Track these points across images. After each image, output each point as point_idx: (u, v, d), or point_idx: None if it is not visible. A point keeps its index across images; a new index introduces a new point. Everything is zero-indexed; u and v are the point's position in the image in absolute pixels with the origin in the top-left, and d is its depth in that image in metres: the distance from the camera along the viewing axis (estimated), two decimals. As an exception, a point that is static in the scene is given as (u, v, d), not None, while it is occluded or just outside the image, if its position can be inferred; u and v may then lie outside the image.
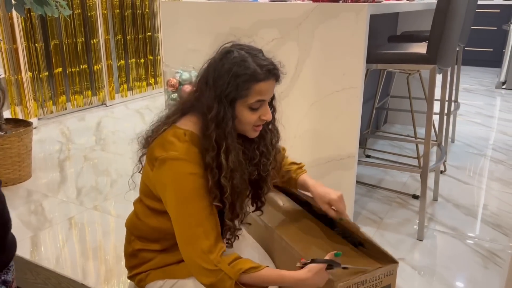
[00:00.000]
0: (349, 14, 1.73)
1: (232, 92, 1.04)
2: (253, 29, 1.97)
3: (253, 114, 1.07)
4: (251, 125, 1.08)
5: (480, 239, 1.95)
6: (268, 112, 1.08)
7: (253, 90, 1.04)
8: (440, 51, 1.74)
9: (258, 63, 1.04)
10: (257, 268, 1.04)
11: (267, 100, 1.09)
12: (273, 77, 1.06)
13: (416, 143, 2.43)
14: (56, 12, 2.33)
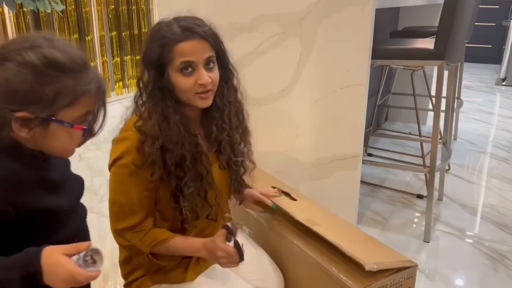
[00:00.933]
0: (354, 8, 1.66)
1: (158, 58, 1.01)
2: (253, 24, 1.90)
3: (188, 79, 1.01)
4: (191, 92, 1.03)
5: (488, 240, 1.89)
6: (203, 75, 1.01)
7: (175, 52, 1.00)
8: (448, 47, 1.68)
9: (179, 25, 1.01)
10: (167, 239, 1.07)
11: (198, 62, 1.01)
12: (196, 36, 1.00)
13: (421, 142, 2.37)
14: (48, 7, 2.25)
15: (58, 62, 0.75)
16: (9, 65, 0.72)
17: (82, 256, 0.74)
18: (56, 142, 0.79)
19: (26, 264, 0.70)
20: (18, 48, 0.74)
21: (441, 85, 1.77)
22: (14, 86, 0.72)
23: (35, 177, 0.79)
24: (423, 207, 2.17)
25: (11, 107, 0.73)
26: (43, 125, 0.76)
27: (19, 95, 0.73)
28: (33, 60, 0.73)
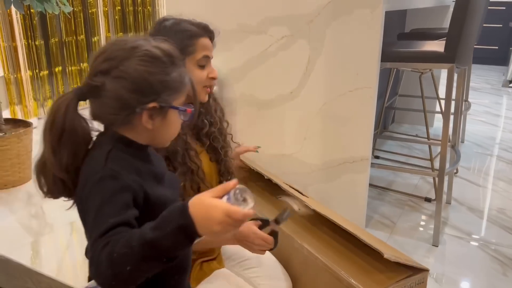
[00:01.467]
0: (364, 10, 1.65)
1: (182, 47, 1.05)
2: (262, 26, 1.89)
3: (202, 71, 1.09)
4: (202, 84, 1.10)
5: (496, 244, 1.88)
6: (214, 70, 1.11)
7: (199, 46, 1.07)
8: (459, 50, 1.66)
9: (192, 23, 1.10)
10: None
11: (211, 58, 1.11)
12: (211, 36, 1.11)
13: (429, 145, 2.36)
14: (56, 9, 2.25)
15: (171, 53, 0.79)
16: (133, 61, 0.75)
17: (232, 195, 0.69)
18: (170, 130, 0.82)
19: (177, 217, 0.66)
20: (129, 46, 0.76)
21: (451, 88, 1.76)
22: (143, 79, 0.75)
23: (145, 168, 0.80)
24: (431, 210, 2.16)
25: (143, 99, 0.76)
26: (163, 113, 0.79)
27: (149, 87, 0.76)
28: (155, 52, 0.77)
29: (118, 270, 0.64)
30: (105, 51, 0.77)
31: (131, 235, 0.66)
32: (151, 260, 0.65)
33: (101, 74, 0.75)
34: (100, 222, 0.68)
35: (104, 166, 0.73)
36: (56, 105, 0.75)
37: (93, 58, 0.78)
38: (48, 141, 0.75)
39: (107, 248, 0.65)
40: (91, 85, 0.76)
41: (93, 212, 0.70)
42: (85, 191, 0.73)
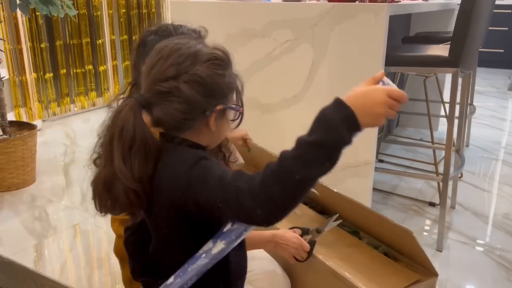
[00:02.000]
0: (367, 15, 1.65)
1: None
2: (266, 30, 1.89)
3: None
4: None
5: (503, 250, 1.86)
6: None
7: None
8: (463, 54, 1.66)
9: (161, 35, 1.06)
10: None
11: None
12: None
13: (433, 149, 2.35)
14: (61, 12, 2.26)
15: (228, 53, 0.79)
16: (201, 65, 0.75)
17: (384, 83, 0.73)
18: (225, 131, 0.83)
19: (335, 112, 0.65)
20: (192, 50, 0.76)
21: (455, 92, 1.75)
22: (214, 82, 0.76)
23: None
24: (435, 215, 2.15)
25: (214, 102, 0.76)
26: (224, 115, 0.80)
27: (219, 89, 0.77)
28: (218, 54, 0.77)
29: (287, 182, 0.64)
30: (165, 56, 0.75)
31: (283, 153, 0.66)
32: (316, 165, 0.64)
33: (171, 80, 0.74)
34: (228, 180, 0.68)
35: (191, 155, 0.74)
36: (122, 115, 0.73)
37: (151, 65, 0.76)
38: (118, 151, 0.73)
39: (258, 176, 0.66)
40: (160, 91, 0.74)
41: (214, 183, 0.69)
42: (183, 186, 0.71)
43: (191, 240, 0.78)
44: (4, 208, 2.13)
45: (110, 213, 0.79)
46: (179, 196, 0.72)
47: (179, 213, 0.75)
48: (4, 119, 2.26)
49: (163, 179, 0.75)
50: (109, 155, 0.74)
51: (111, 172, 0.73)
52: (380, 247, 1.20)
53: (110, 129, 0.74)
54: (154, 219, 0.81)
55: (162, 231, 0.80)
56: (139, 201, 0.75)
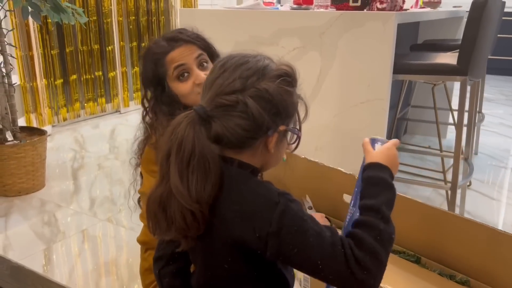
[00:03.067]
0: (375, 23, 1.66)
1: (154, 75, 1.08)
2: (274, 38, 1.90)
3: (185, 83, 1.07)
4: (192, 93, 1.08)
5: (511, 259, 1.84)
6: (198, 75, 1.07)
7: (166, 63, 1.07)
8: (472, 62, 1.65)
9: (164, 38, 1.09)
10: None
11: (190, 63, 1.07)
12: (181, 42, 1.07)
13: (442, 157, 2.34)
14: (72, 20, 2.29)
15: (296, 71, 0.77)
16: (269, 81, 0.71)
17: (375, 140, 0.85)
18: (281, 154, 0.79)
19: (382, 174, 0.76)
20: (260, 65, 0.72)
21: (464, 101, 1.75)
22: (282, 100, 0.72)
23: None
24: (443, 223, 2.13)
25: (278, 121, 0.73)
26: (283, 137, 0.76)
27: (285, 109, 0.73)
28: (286, 70, 0.73)
29: (388, 244, 0.69)
30: (231, 69, 0.71)
31: (358, 220, 0.71)
32: (390, 217, 0.72)
33: (237, 93, 0.69)
34: (329, 240, 0.67)
35: (277, 196, 0.68)
36: (180, 128, 0.69)
37: (214, 77, 0.72)
38: (175, 167, 0.68)
39: (361, 241, 0.67)
40: (223, 104, 0.69)
41: (314, 241, 0.66)
42: (268, 230, 0.66)
43: (259, 284, 0.74)
44: (13, 213, 2.15)
45: (165, 237, 0.73)
46: (256, 238, 0.66)
47: (250, 255, 0.69)
48: (15, 125, 2.29)
49: (233, 211, 0.68)
50: (165, 171, 0.69)
51: (167, 190, 0.68)
52: (458, 277, 1.08)
53: (168, 143, 0.69)
54: (211, 252, 0.73)
55: (220, 267, 0.73)
56: (196, 224, 0.69)
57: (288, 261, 0.68)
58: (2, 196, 2.28)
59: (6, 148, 2.20)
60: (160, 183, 0.70)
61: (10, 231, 1.99)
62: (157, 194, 0.70)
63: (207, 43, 1.13)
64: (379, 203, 0.71)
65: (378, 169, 0.76)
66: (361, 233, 0.67)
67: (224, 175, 0.70)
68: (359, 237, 0.67)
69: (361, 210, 0.73)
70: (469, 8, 1.64)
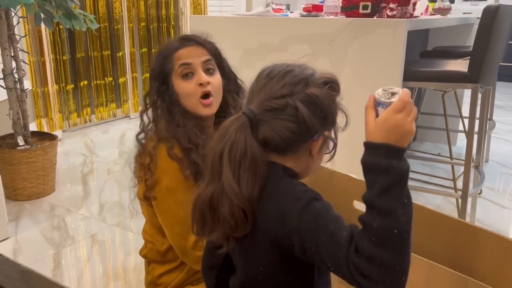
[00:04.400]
0: (386, 30, 1.66)
1: (161, 70, 1.10)
2: (284, 45, 1.91)
3: (188, 82, 1.08)
4: (194, 96, 1.08)
5: (523, 269, 1.82)
6: (201, 76, 1.08)
7: (174, 59, 1.08)
8: (483, 70, 1.64)
9: (178, 37, 1.11)
10: None
11: (196, 65, 1.08)
12: (192, 42, 1.09)
13: (452, 165, 2.32)
14: (84, 26, 2.32)
15: (338, 80, 0.78)
16: (317, 87, 0.73)
17: (381, 100, 0.71)
18: (320, 161, 0.79)
19: (380, 160, 0.65)
20: (306, 73, 0.74)
21: (475, 108, 1.74)
22: (329, 106, 0.74)
23: None
24: (454, 232, 2.11)
25: (324, 126, 0.74)
26: (325, 143, 0.77)
27: (331, 114, 0.75)
28: (331, 78, 0.75)
29: (391, 242, 0.60)
30: (277, 77, 0.73)
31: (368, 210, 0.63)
32: (398, 208, 0.62)
33: (286, 97, 0.71)
34: (341, 242, 0.63)
35: (301, 193, 0.70)
36: (231, 130, 0.71)
37: (261, 84, 0.74)
38: (228, 166, 0.70)
39: (372, 240, 0.61)
40: (272, 107, 0.71)
41: (326, 240, 0.64)
42: (292, 226, 0.67)
43: (294, 283, 0.74)
44: (24, 217, 2.17)
45: (208, 237, 0.74)
46: (285, 234, 0.68)
47: (284, 252, 0.70)
48: (26, 130, 2.32)
49: (269, 210, 0.71)
50: (217, 171, 0.71)
51: (219, 188, 0.71)
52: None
53: (219, 144, 0.71)
54: (251, 252, 0.75)
55: (258, 267, 0.74)
56: (245, 223, 0.70)
57: (311, 258, 0.68)
58: (13, 200, 2.30)
59: (17, 152, 2.22)
60: (210, 182, 0.72)
61: (20, 235, 2.00)
62: (207, 193, 0.72)
63: (218, 52, 1.14)
64: (371, 195, 0.63)
65: (368, 152, 0.67)
66: (357, 236, 0.62)
67: (268, 178, 0.72)
68: (355, 240, 0.62)
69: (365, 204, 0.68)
70: (481, 16, 1.63)
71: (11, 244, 1.93)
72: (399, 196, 0.62)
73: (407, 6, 1.71)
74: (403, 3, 1.71)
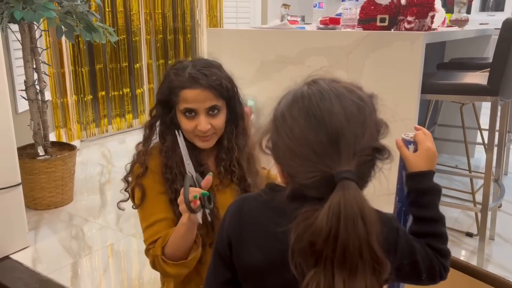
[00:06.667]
0: (403, 43, 1.66)
1: (167, 99, 1.11)
2: (300, 57, 1.92)
3: (190, 121, 1.09)
4: (190, 133, 1.11)
5: (546, 286, 1.77)
6: (201, 123, 1.09)
7: (181, 97, 1.08)
8: (503, 82, 1.63)
9: (188, 72, 1.07)
10: (168, 233, 1.08)
11: (200, 110, 1.09)
12: (199, 86, 1.07)
13: (471, 178, 2.28)
14: (103, 39, 2.37)
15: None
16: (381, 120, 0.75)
17: (407, 142, 0.87)
18: None
19: (425, 182, 0.82)
20: (360, 101, 0.72)
21: (494, 121, 1.72)
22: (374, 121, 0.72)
23: None
24: (473, 246, 2.07)
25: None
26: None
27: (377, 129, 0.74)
28: (370, 100, 0.77)
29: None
30: (357, 120, 0.68)
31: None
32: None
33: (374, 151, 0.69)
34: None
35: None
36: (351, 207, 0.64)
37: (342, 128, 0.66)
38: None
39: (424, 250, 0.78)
40: (366, 160, 0.68)
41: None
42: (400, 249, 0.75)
43: None
44: (43, 226, 2.20)
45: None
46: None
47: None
48: (46, 140, 2.36)
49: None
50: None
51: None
52: None
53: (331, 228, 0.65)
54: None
55: None
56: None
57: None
58: (32, 209, 2.34)
59: (37, 162, 2.26)
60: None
61: (40, 244, 2.03)
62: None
63: (229, 91, 1.12)
64: (435, 211, 0.79)
65: (423, 178, 0.80)
66: (437, 244, 0.78)
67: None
68: (437, 248, 0.78)
69: (421, 220, 0.80)
70: (500, 28, 1.62)
71: (30, 253, 1.96)
72: (440, 200, 0.82)
73: (424, 19, 1.71)
74: (420, 16, 1.71)
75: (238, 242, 0.77)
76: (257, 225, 0.75)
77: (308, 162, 0.66)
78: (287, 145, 0.68)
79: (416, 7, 1.72)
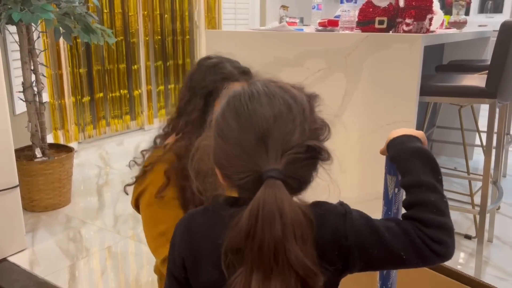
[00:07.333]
0: (402, 45, 1.66)
1: (212, 90, 1.07)
2: (299, 59, 1.92)
3: None
4: None
5: (544, 288, 1.78)
6: None
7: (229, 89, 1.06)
8: (501, 85, 1.63)
9: (233, 66, 1.11)
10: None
11: None
12: (247, 78, 1.10)
13: (469, 180, 2.28)
14: (101, 40, 2.36)
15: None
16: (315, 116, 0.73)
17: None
18: None
19: (411, 150, 0.76)
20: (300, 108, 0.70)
21: (492, 123, 1.72)
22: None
23: None
24: (471, 248, 2.07)
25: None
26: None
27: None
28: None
29: (447, 210, 0.69)
30: (287, 117, 0.67)
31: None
32: (438, 179, 0.73)
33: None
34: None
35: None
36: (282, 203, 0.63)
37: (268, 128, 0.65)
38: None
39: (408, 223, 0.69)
40: (296, 159, 0.66)
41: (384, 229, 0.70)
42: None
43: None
44: (40, 228, 2.19)
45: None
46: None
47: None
48: (44, 142, 2.35)
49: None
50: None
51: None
52: None
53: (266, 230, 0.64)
54: None
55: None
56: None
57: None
58: (30, 211, 2.33)
59: (35, 164, 2.25)
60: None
61: (37, 246, 2.02)
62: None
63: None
64: (417, 176, 0.71)
65: (405, 141, 0.76)
66: (418, 213, 0.68)
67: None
68: (418, 217, 0.68)
69: (405, 189, 0.73)
70: (498, 30, 1.62)
71: (28, 255, 1.95)
72: (434, 169, 0.73)
73: (423, 21, 1.71)
74: (419, 18, 1.71)
75: (192, 263, 0.73)
76: (209, 242, 0.70)
77: (240, 162, 0.65)
78: (220, 146, 0.68)
79: (414, 9, 1.72)
